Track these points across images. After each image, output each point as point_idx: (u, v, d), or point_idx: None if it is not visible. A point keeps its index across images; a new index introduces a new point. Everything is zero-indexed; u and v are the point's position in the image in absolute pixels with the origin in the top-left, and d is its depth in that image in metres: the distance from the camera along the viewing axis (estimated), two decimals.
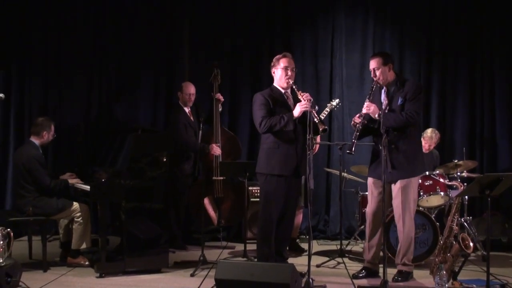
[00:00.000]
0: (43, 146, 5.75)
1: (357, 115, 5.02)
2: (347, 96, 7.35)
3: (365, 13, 7.50)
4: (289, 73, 5.11)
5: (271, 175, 5.03)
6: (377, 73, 5.03)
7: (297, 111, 4.94)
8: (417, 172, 5.11)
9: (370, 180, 5.21)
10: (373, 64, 5.06)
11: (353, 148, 4.92)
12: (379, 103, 5.07)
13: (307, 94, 4.97)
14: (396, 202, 5.05)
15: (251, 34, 7.51)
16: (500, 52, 7.35)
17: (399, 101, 4.99)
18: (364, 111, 4.97)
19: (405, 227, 5.04)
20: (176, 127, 6.42)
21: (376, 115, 4.94)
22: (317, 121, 4.88)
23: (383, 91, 5.12)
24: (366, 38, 7.47)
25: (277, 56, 5.20)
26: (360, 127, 4.96)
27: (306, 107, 4.86)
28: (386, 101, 5.07)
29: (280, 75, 5.13)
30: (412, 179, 5.02)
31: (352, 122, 5.05)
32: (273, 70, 5.21)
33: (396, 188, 5.05)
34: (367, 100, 5.01)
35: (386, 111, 4.98)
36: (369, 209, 5.21)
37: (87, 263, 5.50)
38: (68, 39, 7.27)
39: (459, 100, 7.40)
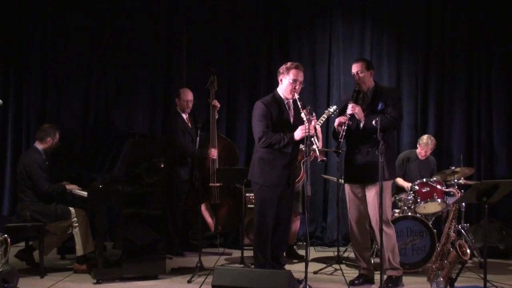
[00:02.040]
0: (47, 152, 5.75)
1: (340, 117, 5.07)
2: None
3: (362, 19, 7.52)
4: (297, 86, 5.00)
5: (265, 186, 5.01)
6: (360, 75, 5.12)
7: (298, 135, 4.88)
8: (390, 177, 5.12)
9: (347, 187, 5.25)
10: (356, 67, 5.15)
11: (340, 146, 5.03)
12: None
13: (312, 124, 4.86)
14: (374, 206, 5.03)
15: (249, 40, 7.52)
16: (497, 58, 7.36)
17: (380, 106, 5.04)
18: (349, 111, 5.01)
19: (386, 231, 5.01)
20: (174, 133, 6.42)
21: (361, 116, 5.01)
22: (316, 149, 4.86)
23: (361, 95, 5.19)
24: (364, 44, 7.49)
25: (288, 65, 5.05)
26: (346, 127, 5.00)
27: (307, 133, 4.80)
28: (363, 106, 5.12)
29: (287, 85, 5.01)
30: (387, 183, 4.99)
31: (336, 123, 5.07)
32: (280, 77, 5.07)
33: (372, 192, 5.05)
34: (351, 101, 5.06)
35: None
36: (351, 216, 5.22)
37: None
38: (66, 44, 7.27)
39: (457, 106, 7.41)
